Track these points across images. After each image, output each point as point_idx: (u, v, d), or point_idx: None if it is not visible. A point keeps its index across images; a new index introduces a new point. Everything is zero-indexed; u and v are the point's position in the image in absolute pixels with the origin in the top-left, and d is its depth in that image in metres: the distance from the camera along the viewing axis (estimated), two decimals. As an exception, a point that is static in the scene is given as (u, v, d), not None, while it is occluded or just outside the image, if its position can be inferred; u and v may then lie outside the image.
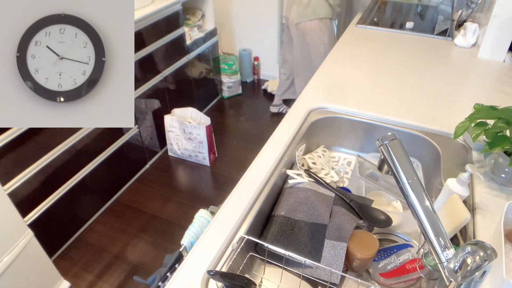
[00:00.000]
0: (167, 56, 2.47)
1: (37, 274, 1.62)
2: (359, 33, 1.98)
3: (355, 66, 1.64)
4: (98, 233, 2.11)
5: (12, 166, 1.60)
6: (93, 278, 1.87)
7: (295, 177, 1.06)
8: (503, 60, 1.68)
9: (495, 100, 1.34)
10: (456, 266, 0.63)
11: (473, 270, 0.61)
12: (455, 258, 0.63)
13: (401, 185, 0.71)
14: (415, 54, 1.76)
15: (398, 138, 0.75)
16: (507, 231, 0.87)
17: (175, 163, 2.64)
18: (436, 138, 1.19)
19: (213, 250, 0.84)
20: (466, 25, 1.88)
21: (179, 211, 2.25)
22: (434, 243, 0.69)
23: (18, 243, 1.47)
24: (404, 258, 0.92)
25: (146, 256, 1.99)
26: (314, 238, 0.92)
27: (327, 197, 1.02)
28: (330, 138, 1.35)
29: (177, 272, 0.81)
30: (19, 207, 1.47)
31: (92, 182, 2.08)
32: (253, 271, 0.93)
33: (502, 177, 1.01)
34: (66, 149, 1.83)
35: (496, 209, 0.94)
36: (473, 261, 0.61)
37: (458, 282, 0.65)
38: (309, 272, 0.87)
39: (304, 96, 1.40)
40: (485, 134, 1.02)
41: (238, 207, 0.94)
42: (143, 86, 2.31)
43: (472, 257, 0.61)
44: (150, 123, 2.48)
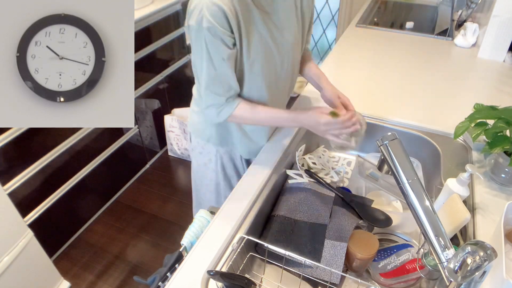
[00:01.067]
0: (167, 56, 2.47)
1: (37, 274, 1.62)
2: (359, 33, 1.98)
3: (355, 66, 1.64)
4: (98, 233, 2.11)
5: (12, 166, 1.60)
6: (93, 278, 1.87)
7: (295, 177, 1.06)
8: (503, 60, 1.68)
9: (495, 100, 1.34)
10: (456, 266, 0.63)
11: (473, 270, 0.61)
12: (455, 258, 0.63)
13: (401, 185, 0.71)
14: (415, 54, 1.76)
15: (398, 138, 0.75)
16: (507, 231, 0.87)
17: (175, 163, 2.64)
18: (436, 138, 1.19)
19: (213, 250, 0.84)
20: (466, 25, 1.88)
21: (179, 211, 2.25)
22: (434, 243, 0.69)
23: (18, 243, 1.47)
24: (404, 258, 0.91)
25: (146, 256, 1.99)
26: (314, 238, 0.92)
27: (327, 197, 1.02)
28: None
29: (177, 272, 0.81)
30: (19, 207, 1.47)
31: (92, 182, 2.07)
32: (253, 271, 0.93)
33: (502, 177, 1.01)
34: (66, 149, 1.83)
35: (496, 209, 0.94)
36: (473, 261, 0.61)
37: (458, 282, 0.65)
38: (309, 272, 0.87)
39: (304, 96, 1.40)
40: (485, 134, 1.02)
41: (238, 207, 0.94)
42: (143, 86, 2.31)
43: (472, 257, 0.61)
44: (150, 123, 2.48)
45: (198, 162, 1.26)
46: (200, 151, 1.22)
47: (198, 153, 1.23)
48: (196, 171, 1.30)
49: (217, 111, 1.01)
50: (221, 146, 1.18)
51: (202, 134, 1.18)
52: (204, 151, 1.21)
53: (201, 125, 1.17)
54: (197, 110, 1.16)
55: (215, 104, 1.00)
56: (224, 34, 0.88)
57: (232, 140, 1.17)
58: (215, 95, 0.98)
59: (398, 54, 1.75)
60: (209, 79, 0.95)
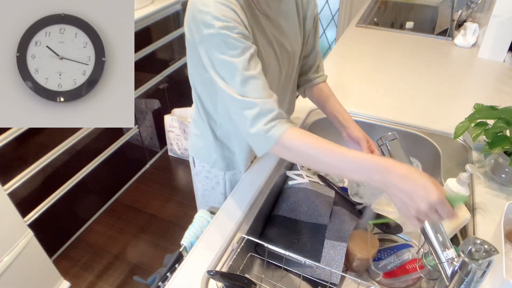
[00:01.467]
0: (167, 56, 2.47)
1: (37, 274, 1.62)
2: (359, 33, 1.98)
3: (355, 66, 1.64)
4: (98, 233, 2.11)
5: (12, 166, 1.60)
6: (93, 278, 1.87)
7: (295, 177, 1.06)
8: (503, 60, 1.68)
9: (495, 100, 1.34)
10: (455, 266, 0.63)
11: (472, 270, 0.61)
12: (454, 258, 0.63)
13: (401, 185, 0.71)
14: (415, 54, 1.76)
15: (398, 138, 0.75)
16: (507, 231, 0.87)
17: (175, 163, 2.64)
18: (436, 138, 1.19)
19: (213, 250, 0.84)
20: (466, 25, 1.88)
21: (179, 211, 2.25)
22: (434, 243, 0.69)
23: (18, 243, 1.47)
24: (404, 258, 0.91)
25: (146, 256, 1.99)
26: (314, 238, 0.92)
27: (327, 197, 1.02)
28: (330, 138, 1.34)
29: (177, 272, 0.81)
30: (19, 207, 1.47)
31: (92, 182, 2.07)
32: (253, 271, 0.93)
33: (502, 177, 1.01)
34: (66, 149, 1.83)
35: (496, 209, 0.94)
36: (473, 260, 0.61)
37: (458, 282, 0.65)
38: (309, 272, 0.87)
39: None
40: (485, 134, 1.02)
41: (238, 207, 0.94)
42: (143, 86, 2.31)
43: (472, 256, 0.61)
44: (150, 123, 2.48)
45: (205, 186, 1.19)
46: (206, 175, 1.15)
47: (205, 178, 1.16)
48: (203, 196, 1.23)
49: (266, 119, 0.75)
50: (228, 170, 1.10)
51: (207, 159, 1.10)
52: (211, 175, 1.14)
53: (205, 150, 1.09)
54: (199, 133, 1.07)
55: (263, 110, 0.74)
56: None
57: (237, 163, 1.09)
58: (263, 97, 0.75)
59: (398, 54, 1.75)
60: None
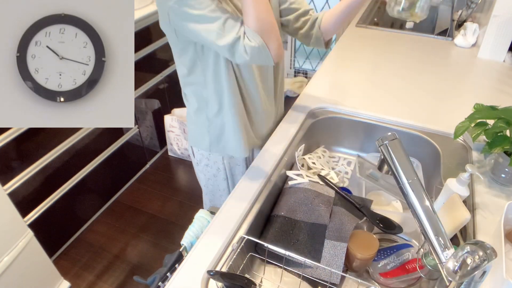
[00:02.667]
0: (167, 56, 2.47)
1: (37, 274, 1.62)
2: (359, 33, 1.98)
3: (355, 66, 1.64)
4: (98, 233, 2.11)
5: (12, 166, 1.60)
6: (93, 278, 1.87)
7: (295, 178, 1.06)
8: (503, 60, 1.68)
9: (495, 100, 1.34)
10: (456, 266, 0.63)
11: (472, 270, 0.61)
12: (454, 258, 0.63)
13: (401, 185, 0.71)
14: (415, 54, 1.76)
15: (398, 138, 0.75)
16: (507, 231, 0.87)
17: (175, 163, 2.64)
18: (436, 138, 1.19)
19: (213, 250, 0.84)
20: (466, 25, 1.88)
21: (179, 211, 2.25)
22: (434, 243, 0.69)
23: (18, 243, 1.47)
24: (404, 258, 0.92)
25: (146, 256, 1.99)
26: (314, 238, 0.92)
27: (327, 197, 1.02)
28: (330, 138, 1.35)
29: (177, 272, 0.81)
30: (19, 207, 1.47)
31: (92, 182, 2.07)
32: (253, 271, 0.93)
33: (502, 177, 1.01)
34: (66, 149, 1.83)
35: (496, 209, 0.94)
36: (472, 261, 0.61)
37: (457, 282, 0.65)
38: (309, 272, 0.87)
39: (304, 96, 1.40)
40: (485, 134, 1.02)
41: (238, 207, 0.94)
42: (143, 86, 2.31)
43: (471, 257, 0.61)
44: (150, 123, 2.48)
45: (207, 175, 1.21)
46: (206, 163, 1.18)
47: (205, 166, 1.19)
48: (206, 186, 1.25)
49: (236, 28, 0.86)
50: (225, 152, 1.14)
51: (202, 143, 1.15)
52: (210, 162, 1.17)
53: (200, 134, 1.13)
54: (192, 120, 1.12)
55: (234, 40, 0.85)
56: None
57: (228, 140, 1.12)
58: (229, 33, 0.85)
59: (398, 54, 1.75)
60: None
